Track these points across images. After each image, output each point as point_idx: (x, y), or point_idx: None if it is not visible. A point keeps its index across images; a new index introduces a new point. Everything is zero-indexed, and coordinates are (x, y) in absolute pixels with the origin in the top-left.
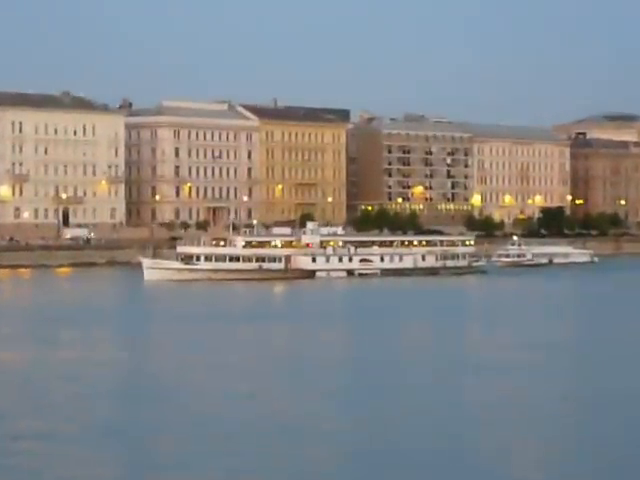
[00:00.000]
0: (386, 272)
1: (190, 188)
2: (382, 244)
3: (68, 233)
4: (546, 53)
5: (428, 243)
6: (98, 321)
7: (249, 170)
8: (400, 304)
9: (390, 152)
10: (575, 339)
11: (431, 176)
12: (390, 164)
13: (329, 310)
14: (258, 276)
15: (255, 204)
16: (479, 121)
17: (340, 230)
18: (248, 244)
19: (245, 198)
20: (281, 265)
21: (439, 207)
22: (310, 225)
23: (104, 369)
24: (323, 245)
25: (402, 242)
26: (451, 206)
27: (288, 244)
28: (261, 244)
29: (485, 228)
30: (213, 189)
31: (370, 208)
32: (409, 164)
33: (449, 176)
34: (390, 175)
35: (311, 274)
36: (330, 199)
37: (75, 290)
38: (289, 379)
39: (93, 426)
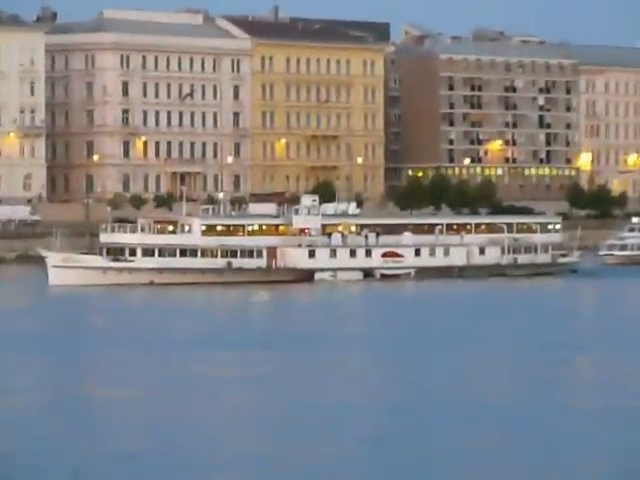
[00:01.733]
0: (423, 272)
1: (145, 144)
2: (418, 229)
3: None
4: None
5: (489, 228)
6: None
7: (236, 116)
8: (450, 329)
9: (452, 88)
10: None
11: (514, 125)
12: (452, 106)
13: (333, 337)
14: (226, 279)
15: (245, 168)
16: (588, 41)
17: (353, 208)
18: (210, 230)
19: (230, 159)
20: (262, 262)
21: (527, 172)
22: (306, 200)
23: None
24: (327, 231)
25: (449, 226)
26: (546, 171)
27: (273, 230)
28: (231, 230)
29: (598, 204)
30: (181, 146)
31: (421, 174)
32: (480, 106)
33: (542, 125)
34: (452, 124)
35: (308, 276)
36: (360, 160)
37: None
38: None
39: None
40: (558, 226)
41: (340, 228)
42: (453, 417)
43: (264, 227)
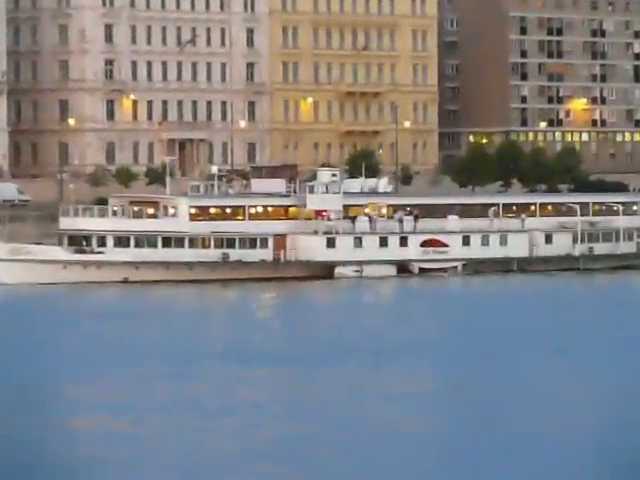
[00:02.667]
0: (473, 266)
1: (135, 104)
2: (468, 211)
3: None
4: None
5: (558, 209)
6: None
7: (250, 68)
8: (515, 337)
9: (524, 32)
10: None
11: (603, 79)
12: (524, 55)
13: (367, 351)
14: (221, 275)
15: (262, 135)
16: None
17: (384, 184)
18: (201, 213)
19: (242, 123)
20: (267, 254)
21: (620, 138)
22: (324, 174)
23: None
24: (350, 214)
25: (507, 207)
26: None
27: (281, 212)
28: (227, 213)
29: None
30: (180, 106)
31: (486, 141)
32: (560, 55)
33: (639, 79)
34: (524, 77)
35: (326, 271)
36: (408, 123)
37: None
38: None
39: None
40: None
41: (367, 210)
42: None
43: (270, 209)
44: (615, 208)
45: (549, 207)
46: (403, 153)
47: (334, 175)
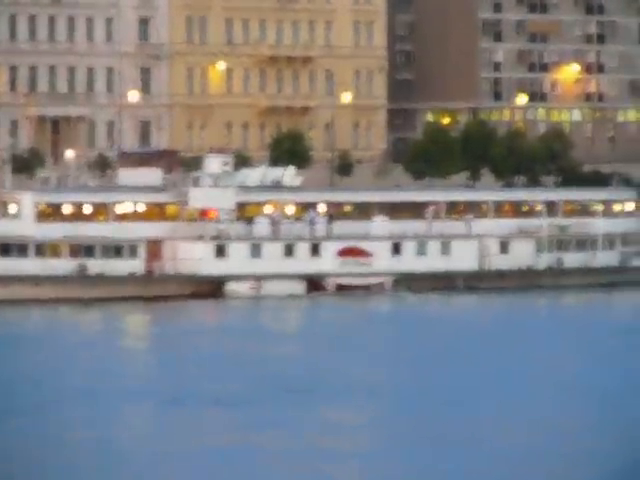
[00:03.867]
0: (406, 282)
1: None
2: (399, 210)
3: None
4: None
5: (518, 209)
6: None
7: (143, 25)
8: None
9: None
10: None
11: (601, 39)
12: (498, 9)
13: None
14: (77, 293)
15: (159, 110)
16: None
17: (291, 174)
18: (51, 212)
19: (134, 97)
20: (137, 265)
21: (621, 118)
22: (212, 162)
23: None
24: (246, 214)
25: (452, 206)
26: None
27: (156, 212)
28: (85, 212)
29: None
30: (53, 73)
31: (448, 120)
32: (545, 9)
33: None
34: (498, 37)
35: (213, 287)
36: (349, 97)
37: None
38: None
39: None
40: (632, 205)
41: (269, 209)
42: None
43: (141, 207)
44: (592, 208)
45: (506, 206)
46: (342, 136)
47: (226, 163)
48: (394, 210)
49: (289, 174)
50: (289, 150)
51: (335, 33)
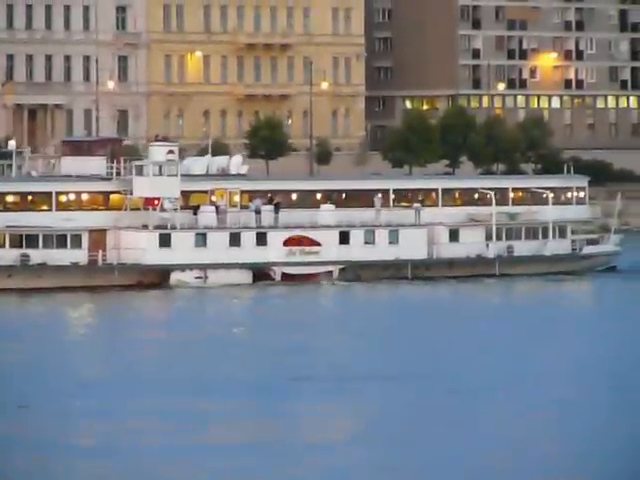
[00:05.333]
0: (354, 271)
1: None
2: (346, 199)
3: None
4: None
5: (467, 196)
6: None
7: (120, 13)
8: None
9: None
10: None
11: (580, 26)
12: None
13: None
14: (19, 284)
15: (136, 99)
16: None
17: (237, 163)
18: None
19: (111, 84)
20: (80, 255)
21: (601, 104)
22: (157, 151)
23: None
24: (191, 203)
25: (400, 193)
26: (631, 101)
27: (99, 201)
28: (27, 201)
29: None
30: (30, 62)
31: (427, 107)
32: None
33: (626, 27)
34: (477, 24)
35: (159, 277)
36: (326, 84)
37: None
38: None
39: None
40: (583, 193)
41: (214, 198)
42: None
43: (85, 197)
44: (544, 195)
45: (456, 194)
46: (320, 123)
47: (171, 152)
48: (341, 199)
49: (235, 162)
50: (267, 138)
51: (313, 20)
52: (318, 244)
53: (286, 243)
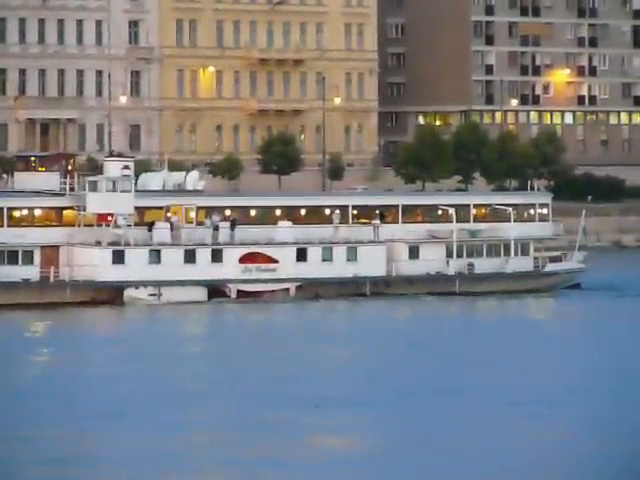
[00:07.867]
0: (311, 289)
1: None
2: (304, 216)
3: None
4: None
5: (428, 213)
6: None
7: (133, 28)
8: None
9: None
10: None
11: (593, 43)
12: (490, 12)
13: None
14: None
15: (148, 114)
16: None
17: (194, 178)
18: None
19: (124, 100)
20: (32, 272)
21: (614, 120)
22: (112, 166)
23: None
24: (146, 219)
25: (360, 210)
26: None
27: (52, 217)
28: None
29: None
30: (42, 77)
31: (440, 123)
32: (537, 12)
33: (639, 43)
34: (490, 41)
35: (112, 294)
36: (339, 100)
37: None
38: None
39: None
40: (546, 210)
41: (169, 214)
42: None
43: (37, 212)
44: (506, 212)
45: (417, 211)
46: (333, 139)
47: (126, 167)
48: (300, 214)
49: (192, 178)
50: (280, 153)
51: (326, 36)
52: (275, 261)
53: (242, 260)
